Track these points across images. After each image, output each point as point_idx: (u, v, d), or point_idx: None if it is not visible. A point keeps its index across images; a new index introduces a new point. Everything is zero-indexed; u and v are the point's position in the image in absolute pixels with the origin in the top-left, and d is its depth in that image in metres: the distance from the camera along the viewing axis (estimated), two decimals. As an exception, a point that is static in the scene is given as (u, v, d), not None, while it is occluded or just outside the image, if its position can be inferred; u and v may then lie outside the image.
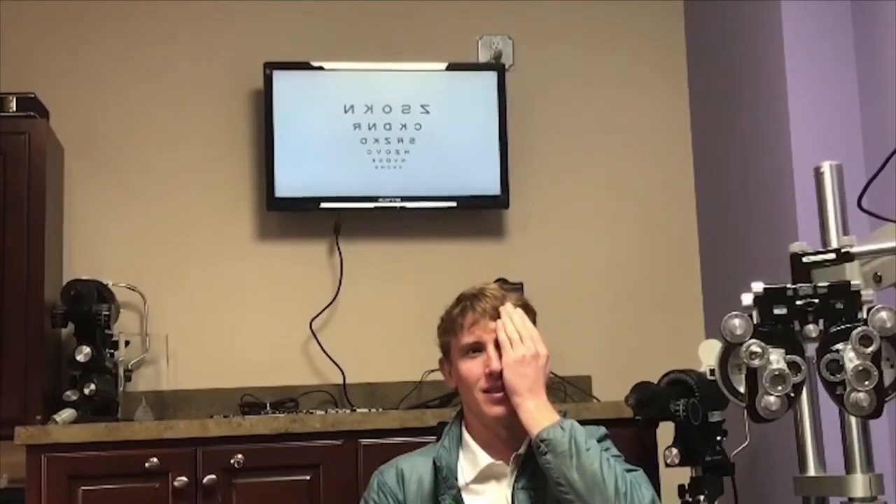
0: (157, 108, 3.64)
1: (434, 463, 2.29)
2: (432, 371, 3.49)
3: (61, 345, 3.35)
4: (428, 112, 3.64)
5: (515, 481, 2.25)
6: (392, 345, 3.62)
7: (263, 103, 3.58)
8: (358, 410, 3.28)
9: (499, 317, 2.30)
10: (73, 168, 3.54)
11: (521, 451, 2.30)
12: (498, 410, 2.27)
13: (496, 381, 2.26)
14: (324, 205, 3.58)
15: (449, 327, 2.36)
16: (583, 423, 2.46)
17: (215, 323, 3.57)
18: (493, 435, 2.31)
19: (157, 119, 3.64)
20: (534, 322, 2.36)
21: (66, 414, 3.01)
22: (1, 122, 3.21)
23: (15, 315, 3.11)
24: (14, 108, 3.23)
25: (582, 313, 3.70)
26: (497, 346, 2.29)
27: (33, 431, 2.87)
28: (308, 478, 2.94)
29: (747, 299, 1.97)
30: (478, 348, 2.30)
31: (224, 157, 3.66)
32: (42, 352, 3.15)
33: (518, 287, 2.42)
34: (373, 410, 3.25)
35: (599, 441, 2.29)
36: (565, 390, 3.47)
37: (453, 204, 3.64)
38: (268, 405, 3.35)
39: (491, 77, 3.69)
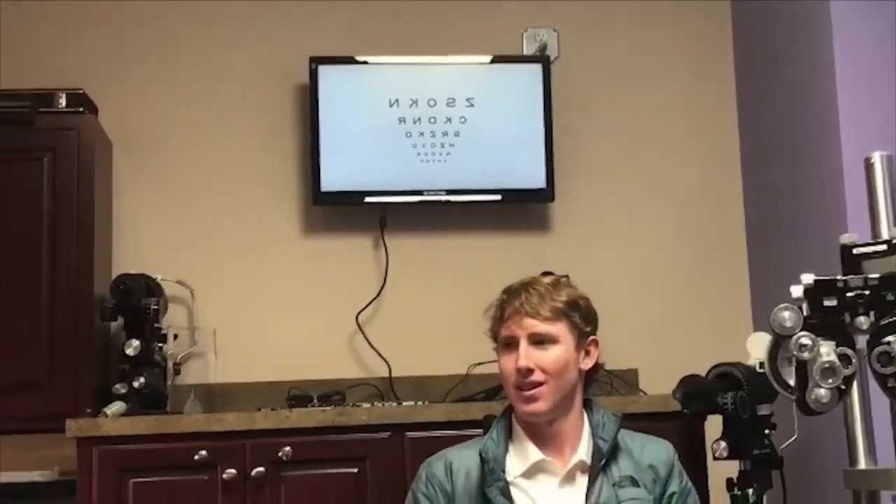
0: (204, 103, 3.67)
1: (481, 455, 2.29)
2: (478, 364, 3.50)
3: (110, 339, 3.39)
4: (473, 105, 3.63)
5: (588, 494, 2.24)
6: (438, 338, 3.63)
7: (309, 98, 3.60)
8: (404, 403, 3.29)
9: (538, 314, 2.28)
10: (120, 163, 3.58)
11: (585, 458, 2.30)
12: (525, 408, 2.28)
13: (524, 379, 2.26)
14: (369, 199, 3.59)
15: (492, 318, 2.36)
16: (630, 417, 2.47)
17: (262, 317, 3.59)
18: (537, 430, 2.31)
19: (204, 114, 3.66)
20: (586, 321, 2.33)
21: (116, 407, 3.04)
22: (50, 118, 3.24)
23: (65, 309, 3.14)
24: (63, 104, 3.26)
25: (628, 307, 3.68)
26: (531, 342, 2.28)
27: (84, 424, 2.91)
28: (355, 470, 2.95)
29: (797, 291, 1.96)
30: (512, 343, 2.30)
31: (270, 151, 3.68)
32: (92, 346, 3.18)
33: (566, 279, 2.37)
34: (419, 403, 3.26)
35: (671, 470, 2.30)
36: (612, 383, 3.46)
37: (498, 197, 3.63)
38: (315, 398, 3.36)
39: (536, 70, 3.67)
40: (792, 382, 1.93)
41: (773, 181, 3.64)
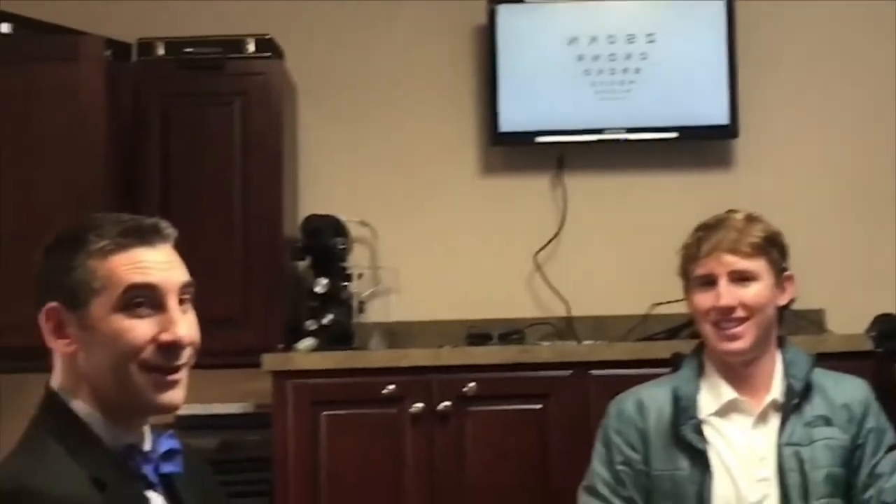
0: (385, 47, 3.71)
1: (673, 393, 2.28)
2: (658, 304, 3.47)
3: (299, 277, 3.49)
4: (654, 41, 3.57)
5: (780, 433, 2.22)
6: (616, 278, 3.61)
7: (487, 39, 3.60)
8: (584, 343, 3.30)
9: (738, 250, 2.24)
10: (305, 107, 3.66)
11: (779, 397, 2.27)
12: (725, 346, 2.24)
13: (725, 317, 2.23)
14: (547, 138, 3.59)
15: (687, 256, 2.32)
16: (819, 357, 2.41)
17: (442, 256, 3.64)
18: (732, 369, 2.28)
19: (385, 57, 3.71)
20: (782, 256, 2.30)
21: (307, 342, 3.14)
22: (240, 64, 3.34)
23: (259, 249, 3.25)
24: (252, 50, 3.35)
25: (814, 246, 3.57)
26: (731, 279, 2.25)
27: (279, 359, 3.02)
28: (539, 407, 2.99)
29: None
30: (710, 280, 2.27)
31: (449, 93, 3.70)
32: (283, 284, 3.29)
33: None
34: (598, 343, 3.26)
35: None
36: (798, 323, 3.38)
37: (676, 135, 3.58)
38: (494, 337, 3.40)
39: (719, 4, 3.57)
40: None
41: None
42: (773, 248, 2.28)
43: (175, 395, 1.60)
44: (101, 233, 1.57)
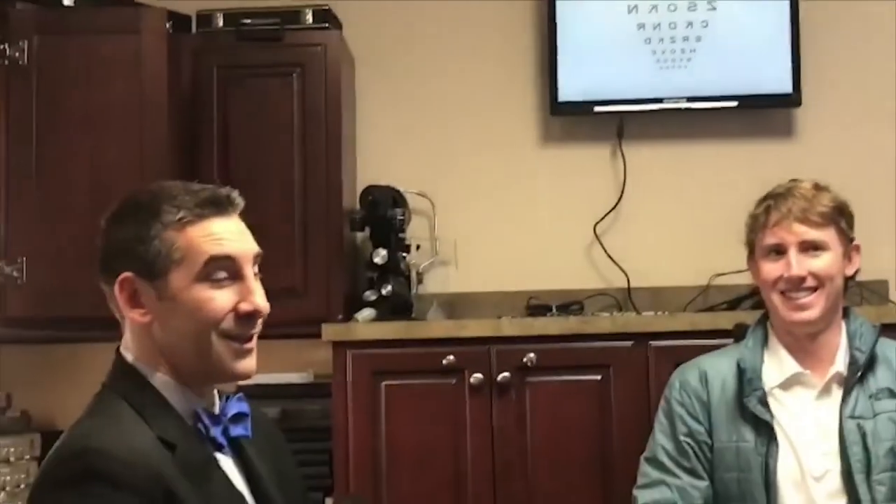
0: (442, 16, 3.69)
1: (738, 365, 2.26)
2: (719, 275, 3.45)
3: (358, 248, 3.51)
4: (715, 8, 3.52)
5: (842, 406, 2.20)
6: (677, 248, 3.58)
7: (546, 7, 3.57)
8: (644, 314, 3.28)
9: (807, 219, 2.21)
10: (363, 78, 3.66)
11: (842, 370, 2.24)
12: (795, 316, 2.22)
13: (794, 286, 2.21)
14: (607, 108, 3.56)
15: (754, 225, 2.30)
16: (883, 328, 2.38)
17: (501, 227, 3.63)
18: (797, 340, 2.26)
19: (443, 27, 3.69)
20: (850, 226, 2.27)
21: (366, 313, 3.15)
22: (298, 35, 3.34)
23: (317, 220, 3.25)
24: (310, 21, 3.35)
25: (879, 216, 3.51)
26: (801, 249, 2.22)
27: (339, 329, 3.04)
28: (599, 378, 2.98)
29: None
30: (779, 250, 2.24)
31: (508, 63, 3.68)
32: (342, 254, 3.29)
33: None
34: (658, 314, 3.24)
35: None
36: (862, 294, 3.34)
37: (735, 104, 3.53)
38: (553, 308, 3.40)
39: (783, -30, 3.53)
40: None
41: None
42: (841, 217, 2.26)
43: (250, 363, 1.64)
44: (178, 203, 1.59)
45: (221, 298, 1.59)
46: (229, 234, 1.61)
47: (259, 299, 1.62)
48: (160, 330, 1.59)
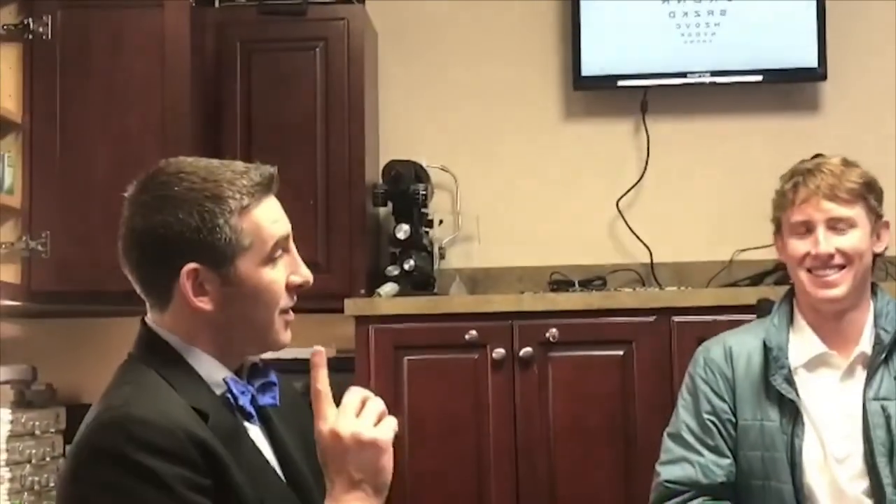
0: (466, -10, 3.69)
1: (764, 343, 2.24)
2: (743, 250, 3.44)
3: (380, 223, 3.51)
4: (740, -18, 3.50)
5: (866, 387, 2.17)
6: (700, 223, 3.57)
7: (569, -19, 3.56)
8: (667, 289, 3.27)
9: (836, 196, 2.17)
10: (385, 52, 3.65)
11: (867, 350, 2.21)
12: (822, 294, 2.18)
13: (822, 263, 2.19)
14: (630, 82, 3.54)
15: (781, 202, 2.25)
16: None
17: (523, 202, 3.62)
18: (823, 319, 2.23)
19: (465, 1, 3.68)
20: (879, 202, 2.24)
21: (389, 288, 3.15)
22: (321, 9, 3.34)
23: (340, 194, 3.26)
24: (333, -5, 3.35)
25: (905, 190, 3.50)
26: (829, 226, 2.19)
27: (362, 304, 3.04)
28: (621, 353, 2.98)
29: None
30: (807, 227, 2.20)
31: (531, 37, 3.66)
32: (365, 229, 3.30)
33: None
34: (681, 289, 3.24)
35: None
36: (887, 270, 3.33)
37: (759, 78, 3.51)
38: (576, 283, 3.39)
39: (809, -58, 3.49)
40: None
41: None
42: (870, 194, 2.21)
43: (290, 334, 1.68)
44: (237, 188, 1.58)
45: (282, 277, 1.62)
46: (280, 213, 1.64)
47: (306, 271, 1.66)
48: (220, 314, 1.59)
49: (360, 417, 1.53)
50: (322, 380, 1.56)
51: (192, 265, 1.56)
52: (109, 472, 1.45)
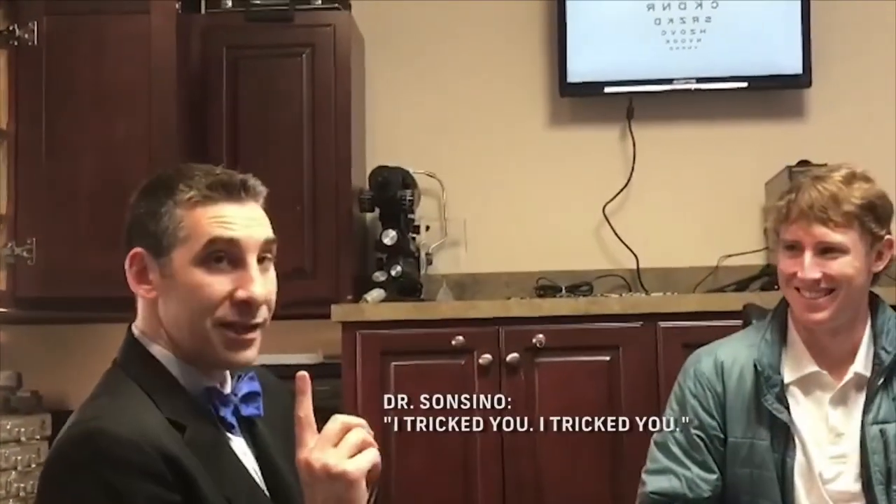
0: (451, -3, 3.70)
1: (756, 360, 2.16)
2: (728, 256, 3.45)
3: (367, 229, 3.51)
4: (725, -11, 3.51)
5: (865, 411, 2.11)
6: (686, 229, 3.58)
7: (556, -12, 3.57)
8: (653, 294, 3.28)
9: (828, 220, 2.05)
10: (372, 58, 3.65)
11: (861, 370, 2.13)
12: (807, 316, 2.11)
13: (808, 286, 2.08)
14: (616, 88, 3.55)
15: (776, 216, 2.17)
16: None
17: (510, 208, 3.63)
18: (815, 336, 2.16)
19: (452, 7, 3.68)
20: (881, 222, 2.11)
21: (376, 293, 3.16)
22: (308, 15, 3.34)
23: (326, 200, 3.26)
24: (319, 1, 3.35)
25: (891, 198, 3.50)
26: (817, 251, 2.07)
27: (348, 309, 3.04)
28: (608, 358, 2.98)
29: None
30: (795, 246, 2.11)
31: (517, 43, 3.67)
32: (351, 235, 3.30)
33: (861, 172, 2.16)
34: (667, 294, 3.24)
35: None
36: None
37: (744, 84, 3.53)
38: (563, 288, 3.40)
39: (792, -51, 3.50)
40: None
41: None
42: (869, 215, 2.09)
43: (247, 354, 1.59)
44: (191, 183, 1.58)
45: (217, 285, 1.56)
46: (237, 220, 1.58)
47: (257, 288, 1.57)
48: (162, 308, 1.59)
49: (337, 448, 1.49)
50: (305, 407, 1.52)
51: (136, 249, 1.58)
52: (77, 487, 1.44)
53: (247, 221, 1.59)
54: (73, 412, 1.59)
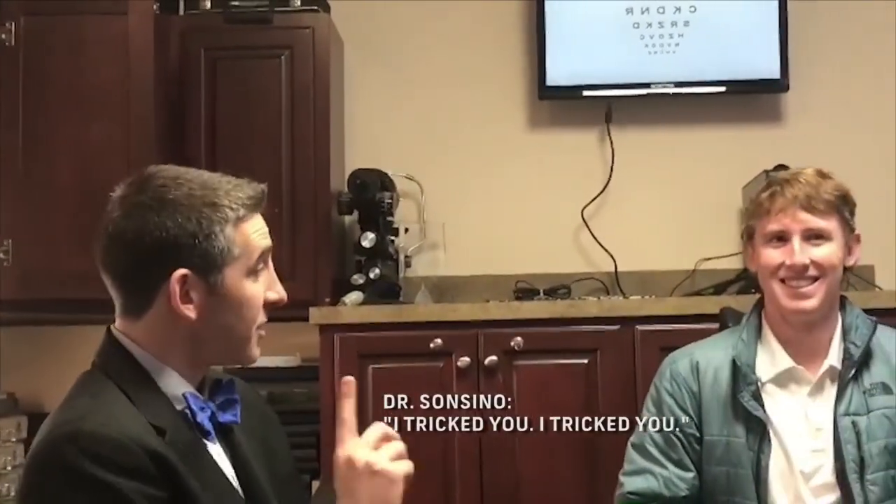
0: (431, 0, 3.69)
1: (732, 358, 2.21)
2: (706, 259, 3.47)
3: (346, 232, 3.50)
4: (703, -6, 3.53)
5: (837, 403, 2.16)
6: (664, 233, 3.60)
7: (535, -9, 3.57)
8: (631, 298, 3.29)
9: (813, 207, 2.15)
10: (351, 61, 3.65)
11: (836, 363, 2.19)
12: (794, 305, 2.16)
13: (796, 274, 2.16)
14: (595, 92, 3.56)
15: (756, 211, 2.23)
16: (868, 312, 2.35)
17: (489, 211, 3.64)
18: (792, 332, 2.22)
19: (432, 11, 3.69)
20: (852, 216, 2.22)
21: (354, 296, 3.15)
22: (287, 17, 3.33)
23: (305, 202, 3.25)
24: (299, 3, 3.34)
25: (864, 201, 3.44)
26: (804, 237, 2.16)
27: (326, 312, 3.04)
28: (586, 361, 2.99)
29: None
30: (782, 237, 2.18)
31: (496, 46, 3.68)
32: (330, 238, 3.29)
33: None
34: (645, 298, 3.25)
35: None
36: (848, 280, 3.35)
37: (723, 89, 3.54)
38: (541, 292, 3.41)
39: (770, -46, 3.52)
40: None
41: None
42: (845, 206, 2.20)
43: (260, 350, 1.67)
44: (233, 198, 1.60)
45: (261, 291, 1.63)
46: (265, 228, 1.66)
47: (281, 289, 1.68)
48: (200, 324, 1.58)
49: (378, 450, 1.57)
50: (348, 409, 1.60)
51: (182, 270, 1.55)
52: (65, 487, 1.44)
53: (267, 229, 1.67)
54: (49, 414, 1.58)
